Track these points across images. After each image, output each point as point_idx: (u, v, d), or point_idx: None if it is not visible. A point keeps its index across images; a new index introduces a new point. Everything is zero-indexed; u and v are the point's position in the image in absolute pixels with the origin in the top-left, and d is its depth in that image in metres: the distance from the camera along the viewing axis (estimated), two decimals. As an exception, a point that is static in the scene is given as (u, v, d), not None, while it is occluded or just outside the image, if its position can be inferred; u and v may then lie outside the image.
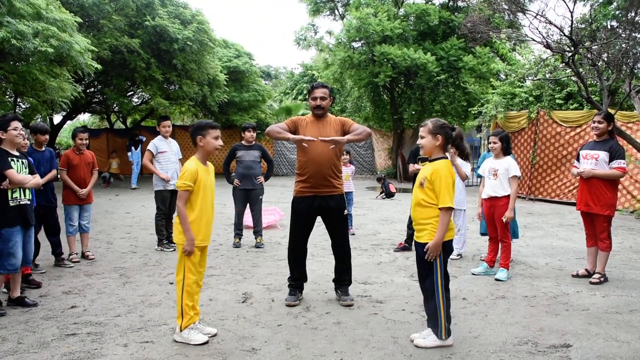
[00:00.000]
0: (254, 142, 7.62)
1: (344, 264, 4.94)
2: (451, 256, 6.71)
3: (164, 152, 7.25)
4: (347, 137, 4.65)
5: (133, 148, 17.42)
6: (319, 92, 4.80)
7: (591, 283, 5.50)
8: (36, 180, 4.84)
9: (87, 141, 6.61)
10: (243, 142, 7.58)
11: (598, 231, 5.57)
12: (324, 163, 4.71)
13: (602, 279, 5.55)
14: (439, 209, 3.63)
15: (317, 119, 4.85)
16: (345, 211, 4.93)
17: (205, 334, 3.85)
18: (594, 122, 5.60)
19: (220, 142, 3.96)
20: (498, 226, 5.74)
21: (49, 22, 9.81)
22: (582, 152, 5.71)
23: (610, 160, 5.42)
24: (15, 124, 4.65)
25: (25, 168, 4.79)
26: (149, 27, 15.71)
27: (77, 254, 6.49)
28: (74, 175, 6.40)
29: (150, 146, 7.23)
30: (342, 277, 4.94)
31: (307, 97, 5.05)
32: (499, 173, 5.69)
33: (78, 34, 11.00)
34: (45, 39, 9.61)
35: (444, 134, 3.73)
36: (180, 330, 3.80)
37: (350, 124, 4.83)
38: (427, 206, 3.71)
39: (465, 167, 6.62)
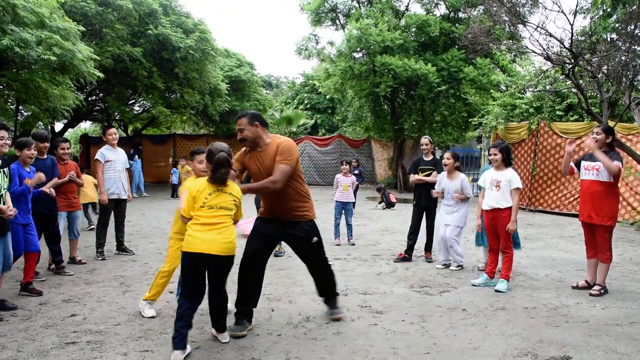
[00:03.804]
0: None
1: (326, 282, 4.69)
2: (451, 267, 6.75)
3: (110, 160, 7.19)
4: (248, 186, 4.21)
5: (136, 157, 17.43)
6: (237, 125, 4.26)
7: (591, 295, 5.49)
8: None
9: (70, 151, 6.68)
10: None
11: (599, 242, 5.57)
12: (279, 199, 4.32)
13: (602, 291, 5.55)
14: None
15: (256, 150, 4.31)
16: (315, 238, 4.46)
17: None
18: (594, 133, 5.63)
19: (202, 165, 4.32)
20: (501, 237, 5.74)
21: (52, 30, 9.87)
22: (584, 163, 5.72)
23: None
24: (2, 133, 4.54)
25: (6, 177, 4.63)
26: (151, 36, 15.79)
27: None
28: (60, 185, 6.33)
29: (98, 155, 7.19)
30: (329, 290, 4.72)
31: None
32: (502, 185, 5.70)
33: (81, 43, 11.06)
34: (49, 47, 9.67)
35: (208, 158, 3.86)
36: (143, 299, 4.72)
37: (278, 161, 4.15)
38: None
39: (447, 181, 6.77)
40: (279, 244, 7.45)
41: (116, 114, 21.92)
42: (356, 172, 12.85)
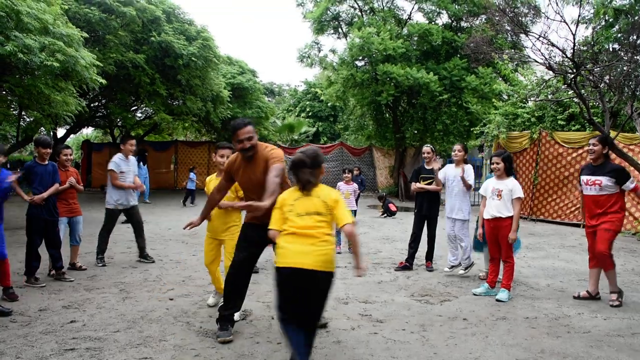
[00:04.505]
0: None
1: None
2: (460, 271, 6.76)
3: (123, 172, 7.22)
4: (259, 204, 3.63)
5: (141, 163, 17.40)
6: (243, 134, 4.12)
7: (612, 306, 5.45)
8: None
9: (72, 157, 6.69)
10: None
11: (599, 247, 5.43)
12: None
13: (620, 299, 5.52)
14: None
15: (247, 160, 4.24)
16: None
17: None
18: (590, 144, 5.64)
19: (223, 160, 4.66)
20: (502, 246, 5.72)
21: (55, 36, 9.90)
22: (584, 178, 5.71)
23: (621, 184, 5.44)
24: None
25: None
26: (154, 43, 15.86)
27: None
28: (61, 192, 6.34)
29: (112, 165, 7.20)
30: None
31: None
32: (503, 194, 5.70)
33: (84, 49, 11.10)
34: (52, 54, 9.70)
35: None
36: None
37: (271, 163, 4.04)
38: None
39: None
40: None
41: (118, 120, 22.00)
42: (358, 180, 12.84)
